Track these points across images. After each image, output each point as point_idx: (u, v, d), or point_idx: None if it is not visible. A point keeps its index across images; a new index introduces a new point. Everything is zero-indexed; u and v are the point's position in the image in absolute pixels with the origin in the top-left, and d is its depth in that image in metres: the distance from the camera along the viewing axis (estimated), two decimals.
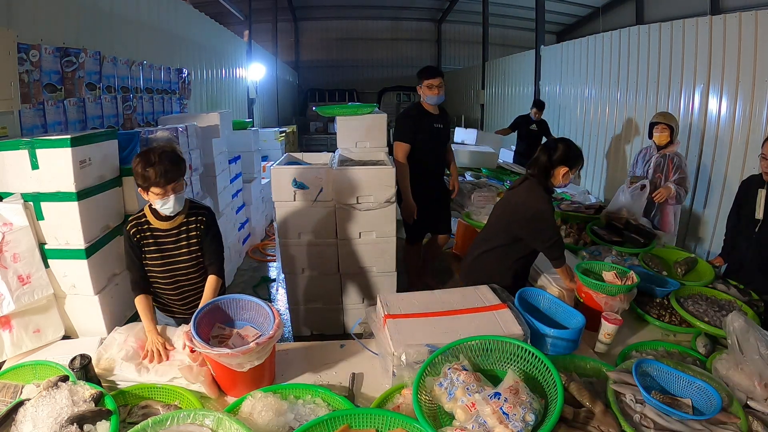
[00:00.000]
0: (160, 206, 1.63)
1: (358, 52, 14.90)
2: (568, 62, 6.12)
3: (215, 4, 7.71)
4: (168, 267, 1.74)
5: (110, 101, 3.23)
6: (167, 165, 1.58)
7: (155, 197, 1.60)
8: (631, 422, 1.13)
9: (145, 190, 1.61)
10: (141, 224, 1.71)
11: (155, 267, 1.73)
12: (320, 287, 2.90)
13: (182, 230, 1.73)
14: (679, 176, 3.07)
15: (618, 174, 4.97)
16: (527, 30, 11.11)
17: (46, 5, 2.53)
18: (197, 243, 1.75)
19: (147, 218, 1.71)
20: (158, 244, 1.71)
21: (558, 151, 1.90)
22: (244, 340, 1.43)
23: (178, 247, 1.73)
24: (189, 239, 1.74)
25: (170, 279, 1.76)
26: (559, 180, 1.92)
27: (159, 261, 1.72)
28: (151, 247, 1.71)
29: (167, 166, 1.58)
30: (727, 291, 1.91)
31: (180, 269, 1.75)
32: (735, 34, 3.40)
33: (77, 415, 1.15)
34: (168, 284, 1.77)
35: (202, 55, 5.49)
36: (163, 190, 1.58)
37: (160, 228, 1.71)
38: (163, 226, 1.71)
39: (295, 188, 2.67)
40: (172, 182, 1.59)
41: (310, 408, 1.24)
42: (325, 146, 11.01)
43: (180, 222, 1.72)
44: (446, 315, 1.46)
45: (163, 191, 1.59)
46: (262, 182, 5.18)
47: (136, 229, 1.70)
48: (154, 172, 1.55)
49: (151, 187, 1.58)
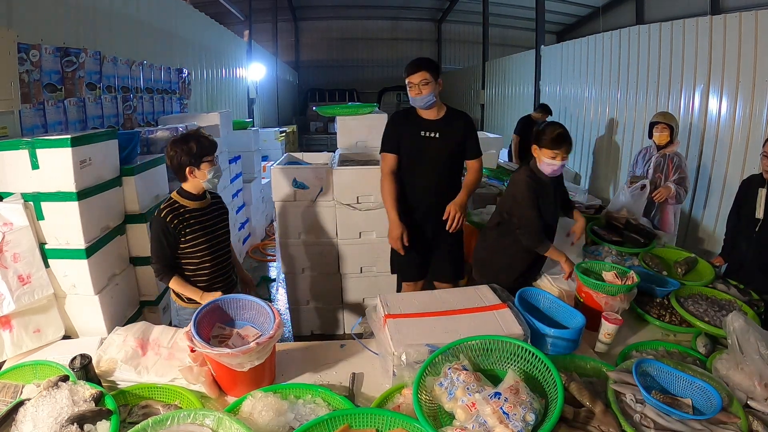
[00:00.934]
0: (213, 174, 1.76)
1: (358, 52, 14.90)
2: (568, 62, 6.11)
3: (215, 4, 7.70)
4: (213, 243, 1.84)
5: (110, 101, 3.23)
6: (206, 138, 1.76)
7: (208, 166, 1.73)
8: (632, 422, 1.13)
9: (196, 164, 1.72)
10: (176, 209, 1.76)
11: (200, 246, 1.80)
12: (320, 287, 2.90)
13: (214, 208, 1.88)
14: (679, 176, 3.07)
15: (618, 174, 4.97)
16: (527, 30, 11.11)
17: (46, 5, 2.53)
18: (227, 220, 1.94)
19: (181, 203, 1.78)
20: (201, 223, 1.80)
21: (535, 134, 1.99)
22: (245, 340, 1.43)
23: (216, 222, 1.87)
24: (221, 215, 1.91)
25: (214, 254, 1.85)
26: (541, 162, 1.95)
27: (204, 239, 1.80)
28: (194, 227, 1.78)
29: (206, 138, 1.76)
30: (727, 291, 1.91)
31: (222, 243, 1.89)
32: (735, 34, 3.40)
33: (77, 415, 1.15)
34: (212, 260, 1.85)
35: (202, 55, 5.49)
36: (212, 157, 1.75)
37: (198, 208, 1.81)
38: (201, 206, 1.82)
39: (295, 188, 2.68)
40: (215, 151, 1.78)
41: (310, 408, 1.24)
42: (325, 146, 11.01)
43: (210, 201, 1.87)
44: (446, 315, 1.46)
45: (213, 159, 1.75)
46: (262, 182, 5.18)
47: (173, 215, 1.74)
48: (206, 141, 1.74)
49: (204, 156, 1.72)
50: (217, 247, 1.86)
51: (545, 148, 1.91)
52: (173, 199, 1.78)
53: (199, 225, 1.79)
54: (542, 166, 1.95)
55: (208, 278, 1.85)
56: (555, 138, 1.89)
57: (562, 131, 1.91)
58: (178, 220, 1.74)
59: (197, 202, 1.80)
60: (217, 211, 1.89)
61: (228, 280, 1.94)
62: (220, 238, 1.89)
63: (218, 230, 1.87)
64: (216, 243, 1.86)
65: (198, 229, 1.79)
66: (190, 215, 1.77)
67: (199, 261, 1.82)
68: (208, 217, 1.84)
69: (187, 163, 1.71)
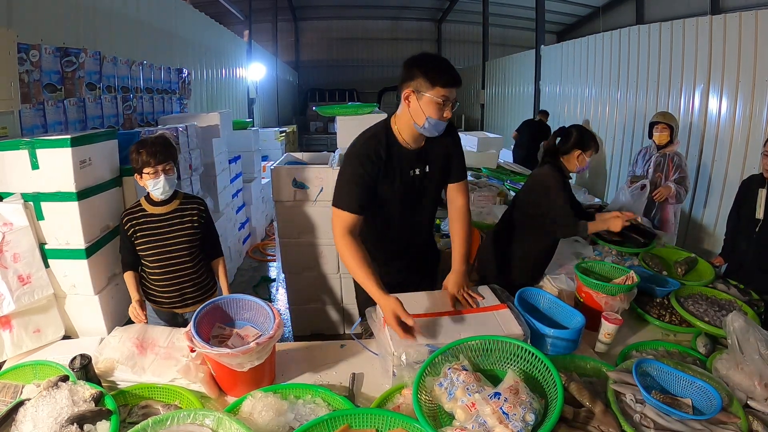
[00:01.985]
0: (152, 187, 1.73)
1: (358, 52, 14.91)
2: (569, 62, 6.12)
3: (215, 4, 7.71)
4: (160, 252, 1.80)
5: (110, 101, 3.23)
6: (158, 147, 1.74)
7: (148, 177, 1.72)
8: (631, 422, 1.13)
9: (139, 172, 1.73)
10: (134, 213, 1.81)
11: (148, 253, 1.80)
12: (320, 287, 2.90)
13: (176, 215, 1.82)
14: (679, 175, 3.07)
15: (618, 174, 4.97)
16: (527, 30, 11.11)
17: (46, 5, 2.53)
18: (192, 230, 1.84)
19: (142, 206, 1.81)
20: (152, 230, 1.79)
21: (572, 137, 2.04)
22: (244, 340, 1.43)
23: (171, 231, 1.81)
24: (183, 224, 1.83)
25: (162, 265, 1.82)
26: (574, 164, 2.05)
27: (152, 246, 1.80)
28: (144, 232, 1.79)
29: (158, 147, 1.73)
30: (727, 291, 1.91)
31: (173, 255, 1.82)
32: (735, 34, 3.40)
33: (77, 415, 1.15)
34: (160, 272, 1.83)
35: (202, 55, 5.49)
36: (154, 170, 1.71)
37: (155, 213, 1.80)
38: (158, 211, 1.80)
39: (295, 188, 2.68)
40: (162, 163, 1.72)
41: (310, 408, 1.24)
42: (325, 146, 11.01)
43: (175, 207, 1.83)
44: (446, 315, 1.46)
45: (154, 171, 1.71)
46: (262, 182, 5.18)
47: (129, 217, 1.80)
48: (146, 152, 1.71)
49: (143, 167, 1.71)
50: (167, 255, 1.81)
51: (590, 151, 2.05)
52: (138, 203, 1.84)
53: (150, 231, 1.79)
54: (583, 168, 2.07)
55: (158, 287, 1.86)
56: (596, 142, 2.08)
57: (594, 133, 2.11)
58: (131, 224, 1.79)
59: (157, 208, 1.80)
60: (179, 218, 1.82)
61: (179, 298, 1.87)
62: (173, 247, 1.81)
63: (172, 239, 1.80)
64: (167, 252, 1.80)
65: (148, 235, 1.78)
66: (145, 220, 1.79)
67: (150, 268, 1.84)
68: (163, 225, 1.80)
69: (133, 171, 1.76)
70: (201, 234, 1.87)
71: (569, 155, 2.06)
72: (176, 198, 1.84)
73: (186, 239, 1.83)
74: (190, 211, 1.85)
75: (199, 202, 1.90)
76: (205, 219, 1.90)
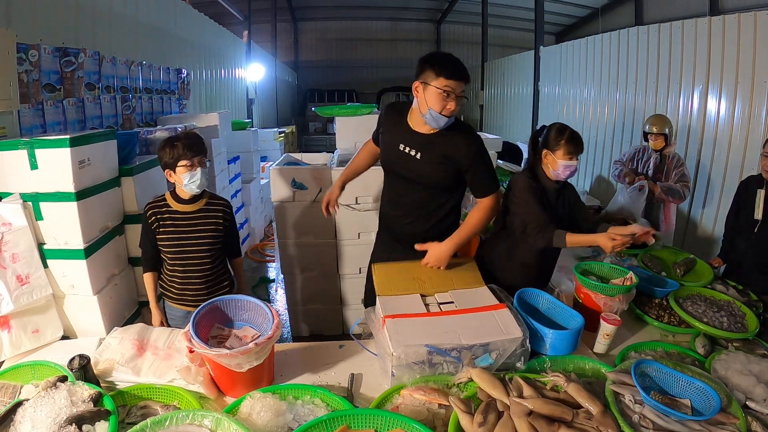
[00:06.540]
0: (188, 180, 1.70)
1: (357, 53, 14.89)
2: (568, 63, 6.12)
3: (215, 4, 7.70)
4: (180, 251, 1.78)
5: (109, 101, 3.23)
6: (193, 139, 1.72)
7: (183, 170, 1.69)
8: (630, 423, 1.13)
9: (172, 166, 1.69)
10: (159, 207, 1.78)
11: (168, 250, 1.78)
12: (319, 287, 2.90)
13: (201, 215, 1.79)
14: (677, 175, 3.08)
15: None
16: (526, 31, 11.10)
17: (45, 5, 2.52)
18: (215, 231, 1.81)
19: (167, 202, 1.78)
20: (175, 227, 1.77)
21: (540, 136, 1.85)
22: (243, 341, 1.43)
23: (194, 231, 1.78)
24: (207, 225, 1.80)
25: (181, 264, 1.80)
26: (549, 167, 1.81)
27: (172, 244, 1.77)
28: (168, 228, 1.76)
29: (193, 140, 1.72)
30: (726, 291, 1.91)
31: (193, 255, 1.79)
32: (734, 35, 3.41)
33: (76, 416, 1.14)
34: (179, 270, 1.81)
35: (201, 55, 5.48)
36: (190, 162, 1.68)
37: (180, 211, 1.77)
38: (184, 209, 1.77)
39: (295, 188, 2.68)
40: (199, 155, 1.71)
41: (309, 408, 1.24)
42: (324, 146, 11.01)
43: (201, 207, 1.80)
44: (445, 315, 1.46)
45: (190, 163, 1.68)
46: (261, 182, 5.18)
47: (153, 211, 1.76)
48: (182, 145, 1.68)
49: (179, 160, 1.68)
50: (187, 255, 1.78)
51: (560, 151, 1.77)
52: (162, 197, 1.80)
53: (173, 228, 1.76)
54: (558, 171, 1.79)
55: (177, 286, 1.84)
56: (569, 138, 1.79)
57: (572, 130, 1.82)
58: (155, 217, 1.76)
59: (183, 206, 1.77)
60: (203, 218, 1.79)
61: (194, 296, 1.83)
62: (194, 248, 1.78)
63: (194, 239, 1.77)
64: (187, 251, 1.78)
65: (170, 233, 1.76)
66: (169, 216, 1.76)
67: (171, 266, 1.82)
68: (187, 224, 1.77)
69: (165, 166, 1.72)
70: (224, 236, 1.85)
71: (542, 158, 1.84)
72: (203, 197, 1.81)
73: (209, 240, 1.80)
74: (215, 212, 1.82)
75: (225, 204, 1.86)
76: (230, 221, 1.86)
